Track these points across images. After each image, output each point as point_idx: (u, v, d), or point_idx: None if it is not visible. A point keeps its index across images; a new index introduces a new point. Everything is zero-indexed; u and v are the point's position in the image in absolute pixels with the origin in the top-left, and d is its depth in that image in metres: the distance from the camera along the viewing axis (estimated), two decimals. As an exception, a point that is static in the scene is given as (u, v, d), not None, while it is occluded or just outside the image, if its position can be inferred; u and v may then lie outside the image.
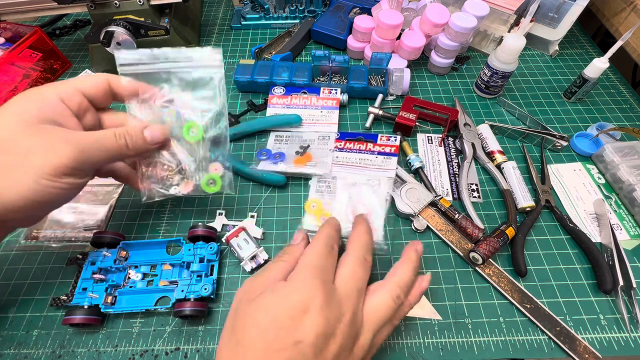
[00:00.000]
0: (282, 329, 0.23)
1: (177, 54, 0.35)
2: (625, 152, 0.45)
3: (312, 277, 0.25)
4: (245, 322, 0.24)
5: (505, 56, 0.49)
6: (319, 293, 0.24)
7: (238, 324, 0.24)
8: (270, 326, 0.23)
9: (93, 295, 0.35)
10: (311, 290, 0.24)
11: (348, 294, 0.26)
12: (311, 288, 0.24)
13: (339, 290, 0.26)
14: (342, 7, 0.65)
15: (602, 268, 0.38)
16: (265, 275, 0.27)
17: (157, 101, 0.35)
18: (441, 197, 0.43)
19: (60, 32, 0.67)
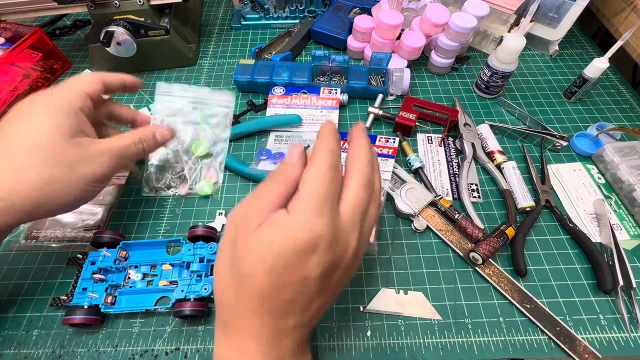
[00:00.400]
0: (288, 265, 0.22)
1: (201, 91, 0.47)
2: (625, 152, 0.45)
3: (318, 213, 0.22)
4: (247, 256, 0.23)
5: (505, 56, 0.49)
6: (326, 231, 0.22)
7: (239, 256, 0.23)
8: (275, 263, 0.22)
9: (93, 295, 0.35)
10: (318, 228, 0.22)
11: (354, 223, 0.24)
12: (318, 225, 0.22)
13: (344, 222, 0.24)
14: (342, 7, 0.65)
15: (602, 268, 0.38)
16: (261, 200, 0.24)
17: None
18: (441, 197, 0.43)
19: (60, 32, 0.67)
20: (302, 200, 0.23)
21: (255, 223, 0.23)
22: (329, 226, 0.22)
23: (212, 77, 0.59)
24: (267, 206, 0.23)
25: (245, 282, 0.23)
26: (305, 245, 0.22)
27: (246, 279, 0.23)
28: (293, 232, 0.22)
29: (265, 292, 0.22)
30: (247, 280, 0.23)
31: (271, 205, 0.23)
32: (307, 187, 0.23)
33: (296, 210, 0.23)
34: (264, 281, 0.22)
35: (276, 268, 0.22)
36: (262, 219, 0.23)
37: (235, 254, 0.23)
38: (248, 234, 0.23)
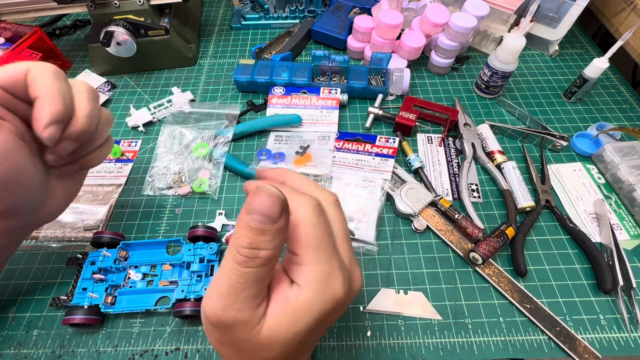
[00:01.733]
0: (314, 333, 0.21)
1: (212, 106, 0.53)
2: (625, 152, 0.45)
3: (334, 277, 0.20)
4: (264, 353, 0.20)
5: (505, 56, 0.49)
6: (345, 288, 0.20)
7: (251, 354, 0.20)
8: (301, 341, 0.20)
9: (93, 295, 0.35)
10: (338, 291, 0.20)
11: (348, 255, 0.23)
12: (338, 288, 0.20)
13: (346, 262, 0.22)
14: (342, 7, 0.65)
15: (602, 268, 0.38)
16: (243, 295, 0.18)
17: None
18: (441, 197, 0.43)
19: (60, 32, 0.67)
20: (309, 266, 0.19)
21: (258, 322, 0.19)
22: (346, 283, 0.20)
23: (212, 77, 0.59)
24: (261, 301, 0.19)
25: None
26: (332, 311, 0.20)
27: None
28: (317, 307, 0.19)
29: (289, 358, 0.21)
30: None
31: (263, 294, 0.19)
32: (305, 250, 0.19)
33: (307, 281, 0.19)
34: (290, 353, 0.20)
35: (304, 341, 0.20)
36: (261, 315, 0.19)
37: (243, 347, 0.20)
38: (255, 332, 0.19)
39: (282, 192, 0.18)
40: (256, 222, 0.17)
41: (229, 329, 0.19)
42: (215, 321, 0.19)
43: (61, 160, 0.28)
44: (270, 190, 0.17)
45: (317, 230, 0.19)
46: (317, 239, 0.19)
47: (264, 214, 0.17)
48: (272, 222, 0.17)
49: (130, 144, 0.50)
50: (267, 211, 0.17)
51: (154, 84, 0.58)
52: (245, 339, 0.19)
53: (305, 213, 0.19)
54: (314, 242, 0.19)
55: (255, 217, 0.17)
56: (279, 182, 0.22)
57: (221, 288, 0.18)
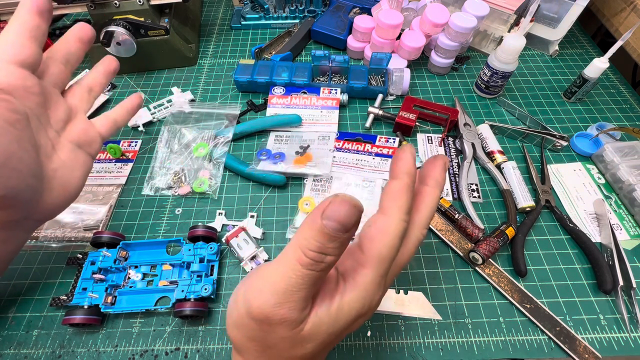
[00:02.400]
0: (340, 336, 0.22)
1: (212, 106, 0.53)
2: (625, 152, 0.45)
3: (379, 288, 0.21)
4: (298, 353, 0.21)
5: (505, 56, 0.49)
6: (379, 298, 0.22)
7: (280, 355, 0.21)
8: (331, 344, 0.22)
9: (93, 295, 0.35)
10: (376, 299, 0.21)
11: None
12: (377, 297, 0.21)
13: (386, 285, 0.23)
14: (342, 7, 0.65)
15: (602, 268, 0.38)
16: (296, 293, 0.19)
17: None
18: (441, 197, 0.43)
19: (60, 32, 0.67)
20: (368, 270, 0.20)
21: (304, 321, 0.19)
22: (382, 295, 0.22)
23: (212, 77, 0.59)
24: (311, 301, 0.20)
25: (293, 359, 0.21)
26: (361, 317, 0.21)
27: (295, 358, 0.21)
28: (355, 310, 0.20)
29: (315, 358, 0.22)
30: (297, 358, 0.21)
31: (311, 300, 0.20)
32: (375, 256, 0.20)
33: (357, 282, 0.20)
34: (318, 353, 0.21)
35: (333, 343, 0.21)
36: (307, 314, 0.19)
37: (277, 345, 0.20)
38: (297, 331, 0.19)
39: (395, 191, 0.20)
40: (331, 228, 0.17)
41: (273, 326, 0.19)
42: (261, 317, 0.19)
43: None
44: (353, 201, 0.17)
45: (393, 249, 0.20)
46: (390, 254, 0.20)
47: (340, 222, 0.17)
48: (346, 231, 0.17)
49: (130, 144, 0.50)
50: (344, 220, 0.17)
51: (154, 84, 0.58)
52: (285, 337, 0.19)
53: (397, 229, 0.20)
54: (386, 255, 0.20)
55: (331, 223, 0.17)
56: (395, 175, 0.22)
57: (277, 285, 0.18)
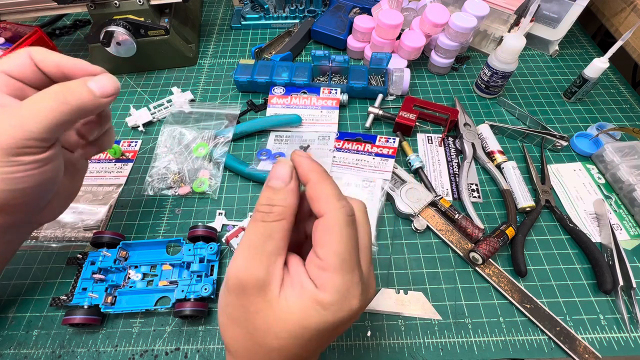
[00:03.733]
0: (323, 338, 0.21)
1: (212, 106, 0.53)
2: (625, 152, 0.45)
3: (354, 287, 0.20)
4: (275, 329, 0.20)
5: (505, 56, 0.49)
6: (361, 303, 0.21)
7: (261, 327, 0.21)
8: (311, 340, 0.21)
9: (93, 295, 0.35)
10: (355, 304, 0.20)
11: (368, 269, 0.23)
12: (355, 301, 0.21)
13: (366, 276, 0.22)
14: (342, 7, 0.65)
15: (602, 268, 0.38)
16: (265, 251, 0.20)
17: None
18: (441, 197, 0.43)
19: (60, 32, 0.67)
20: (333, 274, 0.20)
21: (274, 287, 0.20)
22: (362, 297, 0.21)
23: (212, 77, 0.59)
24: (276, 260, 0.21)
25: (273, 352, 0.21)
26: (344, 322, 0.20)
27: (274, 350, 0.20)
28: (331, 313, 0.20)
29: (294, 358, 0.21)
30: (275, 352, 0.21)
31: (280, 256, 0.21)
32: (332, 258, 0.20)
33: (327, 287, 0.20)
34: (296, 351, 0.21)
35: (311, 344, 0.21)
36: (277, 280, 0.20)
37: (254, 323, 0.20)
38: (270, 302, 0.20)
39: (317, 190, 0.21)
40: (272, 183, 0.22)
41: (248, 294, 0.20)
42: (235, 283, 0.20)
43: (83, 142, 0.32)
44: (284, 160, 0.22)
45: (347, 241, 0.20)
46: (345, 249, 0.20)
47: (278, 177, 0.22)
48: (285, 183, 0.21)
49: (130, 144, 0.50)
50: (280, 175, 0.22)
51: (154, 84, 0.58)
52: (261, 306, 0.20)
53: (338, 220, 0.20)
54: (342, 252, 0.20)
55: (273, 181, 0.22)
56: (306, 179, 0.22)
57: (242, 249, 0.21)
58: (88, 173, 0.46)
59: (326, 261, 0.20)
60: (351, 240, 0.20)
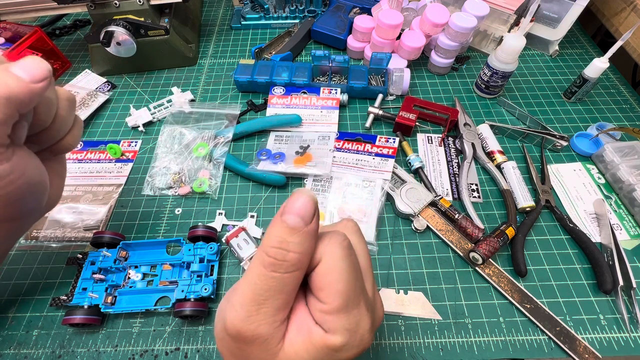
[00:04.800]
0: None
1: (212, 106, 0.53)
2: (625, 152, 0.45)
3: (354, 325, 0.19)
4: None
5: (505, 56, 0.49)
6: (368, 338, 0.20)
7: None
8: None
9: (93, 295, 0.35)
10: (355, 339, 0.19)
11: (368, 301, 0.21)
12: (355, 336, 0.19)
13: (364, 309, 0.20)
14: (342, 7, 0.65)
15: (602, 268, 0.38)
16: (267, 307, 0.18)
17: None
18: (441, 197, 0.43)
19: (60, 32, 0.67)
20: (339, 315, 0.18)
21: (277, 340, 0.18)
22: (372, 325, 0.20)
23: (212, 77, 0.59)
24: (283, 314, 0.19)
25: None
26: (357, 354, 0.19)
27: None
28: (345, 352, 0.19)
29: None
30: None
31: (287, 310, 0.19)
32: (337, 299, 0.18)
33: (337, 330, 0.18)
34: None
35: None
36: (281, 333, 0.18)
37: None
38: (274, 353, 0.18)
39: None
40: (290, 221, 0.17)
41: (248, 344, 0.18)
42: (234, 332, 0.18)
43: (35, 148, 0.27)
44: (308, 192, 0.18)
45: (348, 277, 0.18)
46: (348, 287, 0.18)
47: (298, 214, 0.17)
48: (305, 223, 0.17)
49: (130, 144, 0.50)
50: (301, 212, 0.17)
51: (154, 84, 0.58)
52: (263, 356, 0.18)
53: (335, 261, 0.18)
54: (345, 290, 0.18)
55: (290, 217, 0.17)
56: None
57: (245, 296, 0.18)
58: (88, 173, 0.47)
59: (331, 305, 0.18)
60: (352, 272, 0.19)
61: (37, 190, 0.26)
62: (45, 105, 0.24)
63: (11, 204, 0.24)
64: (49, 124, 0.26)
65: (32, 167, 0.25)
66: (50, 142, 0.27)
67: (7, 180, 0.22)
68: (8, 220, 0.26)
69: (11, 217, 0.26)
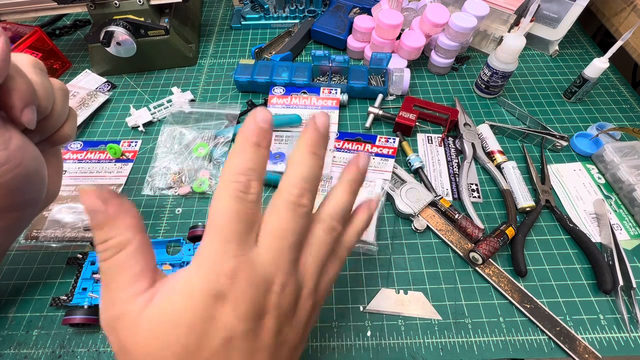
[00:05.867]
0: (194, 331, 0.17)
1: (212, 106, 0.53)
2: (625, 152, 0.45)
3: (222, 252, 0.18)
4: (139, 349, 0.18)
5: (505, 56, 0.49)
6: (233, 268, 0.18)
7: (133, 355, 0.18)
8: (180, 337, 0.17)
9: (93, 295, 0.35)
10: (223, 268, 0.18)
11: (279, 257, 0.19)
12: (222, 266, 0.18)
13: (262, 257, 0.19)
14: (342, 7, 0.65)
15: (602, 268, 0.38)
16: (114, 289, 0.18)
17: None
18: (441, 197, 0.43)
19: (60, 32, 0.67)
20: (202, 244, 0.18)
21: (132, 315, 0.17)
22: (236, 264, 0.18)
23: (212, 77, 0.59)
24: (132, 287, 0.18)
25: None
26: (208, 295, 0.17)
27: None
28: (192, 285, 0.17)
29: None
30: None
31: (136, 284, 0.18)
32: (210, 226, 0.18)
33: (196, 255, 0.18)
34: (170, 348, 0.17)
35: (184, 341, 0.17)
36: (139, 304, 0.18)
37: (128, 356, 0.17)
38: (131, 329, 0.17)
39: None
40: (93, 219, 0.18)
41: (114, 329, 0.18)
42: (104, 325, 0.18)
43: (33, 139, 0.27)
44: (86, 189, 0.18)
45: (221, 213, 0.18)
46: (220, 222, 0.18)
47: (91, 210, 0.18)
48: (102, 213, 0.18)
49: (130, 144, 0.50)
50: (92, 207, 0.18)
51: (154, 84, 0.58)
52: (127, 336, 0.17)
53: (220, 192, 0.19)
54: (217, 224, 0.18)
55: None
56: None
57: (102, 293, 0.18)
58: (88, 173, 0.47)
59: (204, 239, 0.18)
60: (228, 212, 0.18)
61: (36, 180, 0.26)
62: (45, 90, 0.25)
63: (10, 194, 0.24)
64: (49, 112, 0.26)
65: (31, 156, 0.25)
66: (50, 131, 0.27)
67: (4, 169, 0.22)
68: (7, 210, 0.26)
69: (10, 207, 0.26)
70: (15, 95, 0.22)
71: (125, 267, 0.18)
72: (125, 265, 0.18)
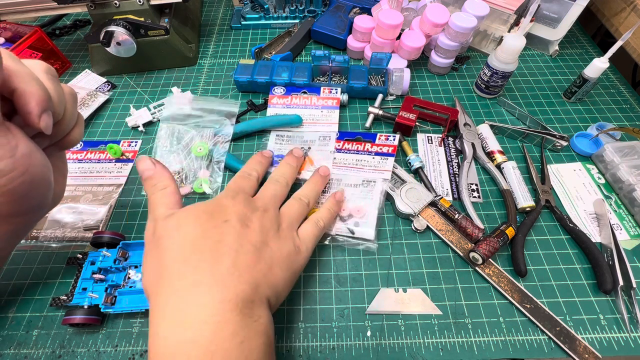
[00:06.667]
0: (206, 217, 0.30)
1: (211, 101, 0.53)
2: (625, 152, 0.45)
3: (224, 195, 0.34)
4: (171, 232, 0.30)
5: (505, 56, 0.49)
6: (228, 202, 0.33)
7: (160, 235, 0.30)
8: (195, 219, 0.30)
9: (93, 295, 0.35)
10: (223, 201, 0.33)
11: (263, 199, 0.35)
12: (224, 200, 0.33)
13: (255, 199, 0.35)
14: (342, 7, 0.65)
15: (602, 268, 0.38)
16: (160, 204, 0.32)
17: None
18: (441, 197, 0.43)
19: (60, 32, 0.67)
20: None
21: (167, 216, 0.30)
22: (238, 191, 0.34)
23: (212, 77, 0.59)
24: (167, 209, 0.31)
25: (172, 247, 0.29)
26: (225, 197, 0.33)
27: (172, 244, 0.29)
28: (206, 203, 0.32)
29: (194, 239, 0.29)
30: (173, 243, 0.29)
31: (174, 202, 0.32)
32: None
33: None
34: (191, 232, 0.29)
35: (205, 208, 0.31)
36: (170, 214, 0.30)
37: (155, 237, 0.30)
38: (162, 222, 0.30)
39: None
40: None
41: (156, 221, 0.31)
42: (153, 222, 0.31)
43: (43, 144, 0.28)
44: (142, 156, 0.34)
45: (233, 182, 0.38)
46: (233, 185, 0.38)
47: (145, 169, 0.33)
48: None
49: (130, 144, 0.50)
50: (146, 167, 0.33)
51: (154, 84, 0.58)
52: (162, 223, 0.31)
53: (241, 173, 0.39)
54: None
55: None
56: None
57: None
58: (88, 173, 0.47)
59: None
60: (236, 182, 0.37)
61: (42, 186, 0.26)
62: (58, 96, 0.25)
63: (17, 200, 0.24)
64: (60, 117, 0.26)
65: (38, 162, 0.25)
66: (60, 136, 0.28)
67: (10, 176, 0.23)
68: (14, 215, 0.26)
69: (17, 213, 0.26)
70: (33, 101, 0.23)
71: (164, 198, 0.31)
72: (164, 197, 0.31)
